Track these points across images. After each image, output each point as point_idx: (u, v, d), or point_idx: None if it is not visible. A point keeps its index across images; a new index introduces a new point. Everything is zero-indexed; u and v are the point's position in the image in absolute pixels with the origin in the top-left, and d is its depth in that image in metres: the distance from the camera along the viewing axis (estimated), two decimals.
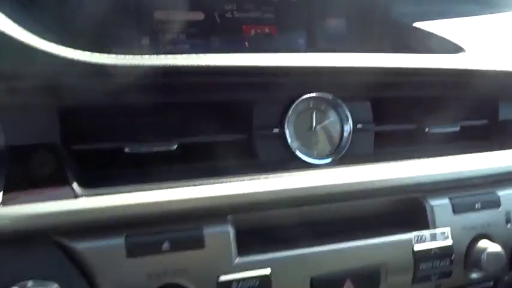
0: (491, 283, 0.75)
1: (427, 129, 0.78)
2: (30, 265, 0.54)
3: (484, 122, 0.83)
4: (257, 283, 0.59)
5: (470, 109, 0.82)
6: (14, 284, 0.52)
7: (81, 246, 0.54)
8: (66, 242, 0.54)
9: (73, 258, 0.54)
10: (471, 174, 0.70)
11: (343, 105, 0.72)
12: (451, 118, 0.81)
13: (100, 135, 0.65)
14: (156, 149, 0.65)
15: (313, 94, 0.71)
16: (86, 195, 0.56)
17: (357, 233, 0.65)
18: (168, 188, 0.59)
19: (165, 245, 0.56)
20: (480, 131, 0.83)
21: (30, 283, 0.53)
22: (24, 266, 0.53)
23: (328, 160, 0.72)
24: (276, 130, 0.70)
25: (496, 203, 0.72)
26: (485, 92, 0.82)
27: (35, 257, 0.54)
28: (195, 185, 0.60)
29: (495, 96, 0.83)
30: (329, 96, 0.71)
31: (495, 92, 0.83)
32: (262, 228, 0.63)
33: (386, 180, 0.67)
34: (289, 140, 0.70)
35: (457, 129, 0.80)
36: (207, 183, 0.60)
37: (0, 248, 0.53)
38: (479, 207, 0.70)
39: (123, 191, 0.57)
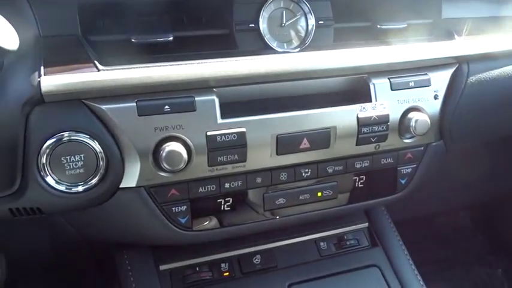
0: (422, 148, 0.95)
1: (379, 26, 0.95)
2: (66, 121, 0.72)
3: (429, 20, 0.99)
4: (235, 137, 0.79)
5: (418, 9, 0.98)
6: (53, 135, 0.72)
7: (105, 106, 0.73)
8: (93, 103, 0.73)
9: (99, 116, 0.74)
10: (406, 59, 0.88)
11: (308, 4, 0.89)
12: (401, 17, 0.97)
13: (112, 29, 0.83)
14: (156, 39, 0.82)
15: None
16: (106, 70, 0.74)
17: (314, 104, 0.85)
18: (167, 66, 0.77)
19: (166, 107, 0.76)
20: (426, 28, 0.99)
21: (66, 134, 0.72)
22: (62, 122, 0.72)
23: (296, 50, 0.89)
24: (252, 25, 0.87)
25: (426, 83, 0.90)
26: None
27: (69, 114, 0.72)
28: (188, 64, 0.78)
29: None
30: None
31: None
32: (240, 100, 0.82)
33: (340, 61, 0.84)
34: (263, 33, 0.87)
35: (404, 25, 0.96)
36: (198, 63, 0.78)
37: (43, 108, 0.71)
38: (413, 85, 0.89)
39: (134, 67, 0.75)
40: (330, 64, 0.84)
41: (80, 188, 0.74)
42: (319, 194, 0.89)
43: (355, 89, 0.88)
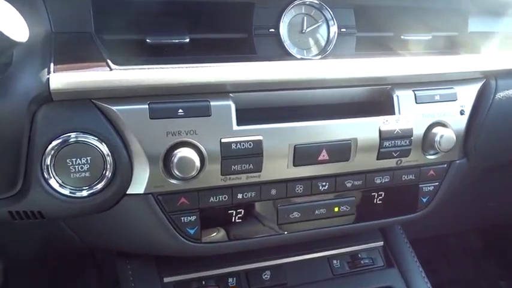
0: (446, 166, 0.90)
1: (402, 37, 0.91)
2: (73, 121, 0.68)
3: (454, 33, 0.96)
4: (251, 145, 0.74)
5: (443, 21, 0.95)
6: (60, 135, 0.67)
7: (116, 107, 0.69)
8: (103, 104, 0.69)
9: (108, 117, 0.70)
10: (433, 72, 0.84)
11: (330, 11, 0.85)
12: (426, 28, 0.93)
13: (126, 28, 0.80)
14: (172, 40, 0.79)
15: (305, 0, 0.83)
16: (118, 69, 0.70)
17: (334, 114, 0.80)
18: (183, 68, 0.73)
19: (180, 111, 0.72)
20: (451, 41, 0.95)
21: (73, 134, 0.68)
22: (69, 122, 0.68)
23: (317, 58, 0.85)
24: (272, 30, 0.83)
25: (453, 97, 0.85)
26: (457, 5, 0.94)
27: (78, 114, 0.68)
28: (204, 67, 0.74)
29: (466, 10, 0.95)
30: (317, 2, 0.84)
31: (466, 6, 0.95)
32: (257, 107, 0.78)
33: (363, 71, 0.80)
34: (283, 39, 0.83)
35: (429, 37, 0.93)
36: (214, 66, 0.75)
37: (50, 107, 0.67)
38: (438, 99, 0.84)
39: (148, 67, 0.72)
40: (353, 73, 0.80)
41: (85, 193, 0.70)
42: (336, 209, 0.85)
43: (377, 101, 0.84)
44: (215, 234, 0.81)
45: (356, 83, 0.82)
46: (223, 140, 0.73)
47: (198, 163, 0.71)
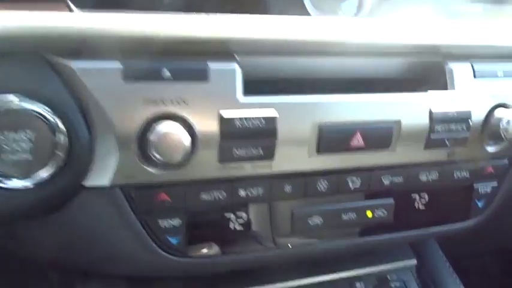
0: (506, 161, 0.71)
1: (449, 6, 0.73)
2: (12, 79, 0.48)
3: (508, 5, 0.78)
4: (262, 124, 0.54)
5: None
6: None
7: (75, 65, 0.49)
8: (58, 59, 0.49)
9: (64, 77, 0.49)
10: (496, 42, 0.66)
11: None
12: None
13: None
14: None
15: None
16: (82, 12, 0.51)
17: (371, 89, 0.61)
18: (172, 15, 0.53)
19: (166, 72, 0.52)
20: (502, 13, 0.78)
21: (10, 97, 0.48)
22: (6, 80, 0.48)
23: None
24: None
25: None
26: None
27: (20, 71, 0.48)
28: (200, 18, 0.54)
29: None
30: None
31: None
32: (271, 76, 0.59)
33: (409, 36, 0.62)
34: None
35: (479, 9, 0.75)
36: (214, 17, 0.55)
37: None
38: (501, 75, 0.66)
39: (124, 12, 0.52)
40: (396, 38, 0.61)
41: (24, 183, 0.49)
42: (369, 214, 0.64)
43: (425, 74, 0.64)
44: (206, 245, 0.61)
45: (399, 51, 0.63)
46: (223, 114, 0.53)
47: (187, 143, 0.51)
